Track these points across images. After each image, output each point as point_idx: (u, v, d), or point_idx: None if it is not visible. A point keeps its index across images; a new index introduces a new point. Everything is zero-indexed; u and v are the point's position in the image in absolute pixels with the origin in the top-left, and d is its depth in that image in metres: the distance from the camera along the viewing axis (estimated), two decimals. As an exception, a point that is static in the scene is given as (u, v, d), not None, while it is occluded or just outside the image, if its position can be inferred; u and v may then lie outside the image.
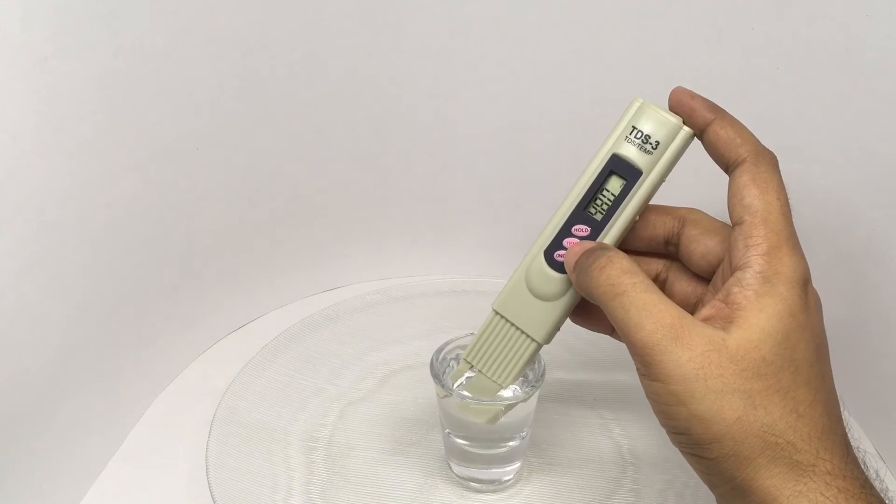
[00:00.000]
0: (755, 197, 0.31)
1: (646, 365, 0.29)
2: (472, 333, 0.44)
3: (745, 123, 0.33)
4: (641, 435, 0.48)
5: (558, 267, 0.36)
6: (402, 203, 0.62)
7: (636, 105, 0.34)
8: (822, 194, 0.49)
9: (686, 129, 0.33)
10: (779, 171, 0.32)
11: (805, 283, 0.30)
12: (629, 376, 0.54)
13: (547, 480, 0.46)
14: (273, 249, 0.59)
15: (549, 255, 0.36)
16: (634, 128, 0.34)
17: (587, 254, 0.33)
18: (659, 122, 0.34)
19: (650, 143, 0.34)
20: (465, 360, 0.39)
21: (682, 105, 0.33)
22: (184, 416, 0.51)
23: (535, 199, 0.59)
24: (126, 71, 0.44)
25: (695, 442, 0.28)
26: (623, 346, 0.31)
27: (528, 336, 0.37)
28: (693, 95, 0.33)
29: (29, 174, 0.38)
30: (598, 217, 0.35)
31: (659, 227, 0.36)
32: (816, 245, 0.33)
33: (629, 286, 0.30)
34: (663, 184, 0.35)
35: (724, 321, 0.29)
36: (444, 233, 0.64)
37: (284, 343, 0.55)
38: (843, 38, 0.45)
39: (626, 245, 0.36)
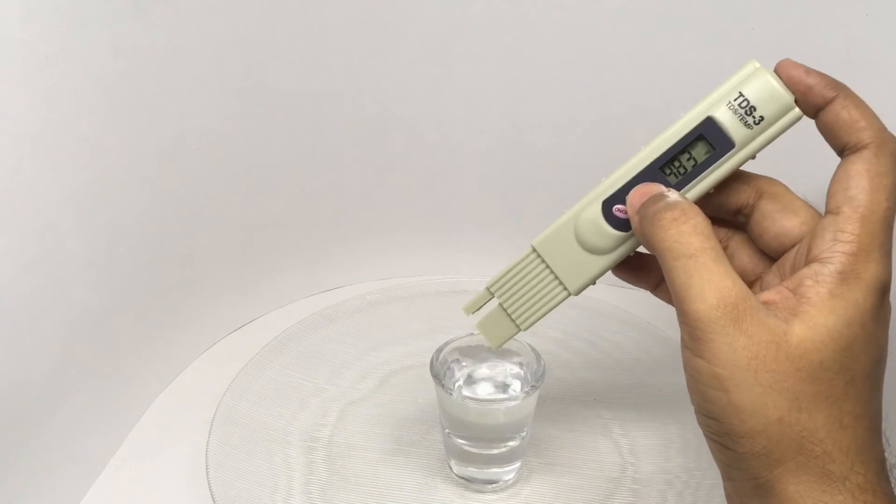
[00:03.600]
0: (863, 191, 0.28)
1: (695, 339, 0.27)
2: (472, 333, 0.44)
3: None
4: (641, 435, 0.48)
5: (615, 222, 0.33)
6: (402, 203, 0.62)
7: (750, 68, 0.30)
8: (822, 194, 0.49)
9: (797, 111, 0.30)
10: None
11: (884, 293, 0.28)
12: (629, 376, 0.54)
13: (547, 480, 0.46)
14: (273, 249, 0.59)
15: (607, 207, 0.33)
16: (741, 94, 0.30)
17: (657, 197, 0.30)
18: (771, 94, 0.30)
19: (753, 116, 0.30)
20: (486, 289, 0.37)
21: (796, 83, 0.29)
22: (184, 416, 0.51)
23: (536, 199, 0.59)
24: (126, 71, 0.44)
25: (726, 432, 0.27)
26: (623, 345, 0.30)
27: (560, 283, 0.35)
28: (808, 71, 0.29)
29: (29, 174, 0.38)
30: (672, 180, 0.31)
31: (733, 195, 0.32)
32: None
33: (699, 250, 0.27)
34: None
35: (789, 312, 0.27)
36: (444, 233, 0.64)
37: (284, 343, 0.55)
38: (843, 38, 0.45)
39: None
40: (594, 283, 0.35)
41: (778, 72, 0.30)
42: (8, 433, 0.39)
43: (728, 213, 0.33)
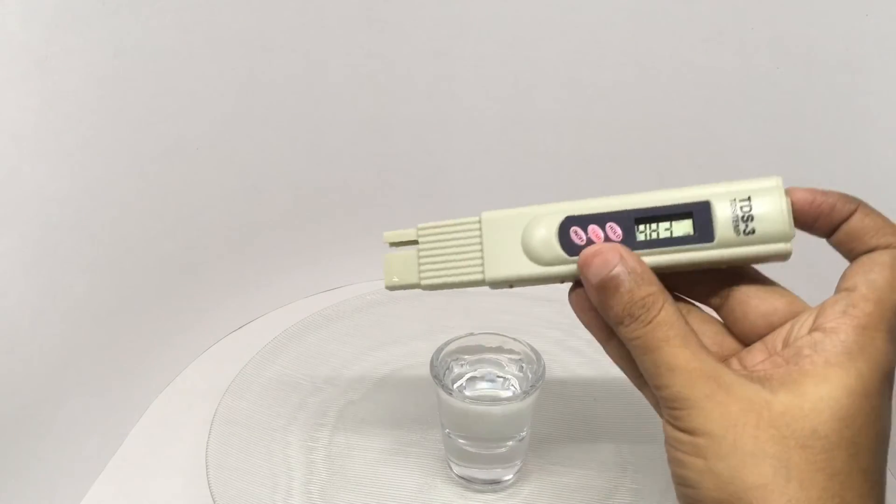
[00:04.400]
0: (884, 277, 0.26)
1: (673, 418, 0.26)
2: (471, 334, 0.45)
3: (745, 123, 0.31)
4: (641, 435, 0.48)
5: (565, 242, 0.31)
6: (402, 203, 0.62)
7: (771, 182, 0.29)
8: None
9: (788, 246, 0.29)
10: None
11: (890, 377, 0.26)
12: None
13: (547, 480, 0.46)
14: (273, 249, 0.59)
15: (566, 224, 0.31)
16: (749, 199, 0.29)
17: (617, 282, 0.28)
18: (775, 216, 0.28)
19: (747, 225, 0.29)
20: (416, 228, 0.34)
21: (819, 205, 0.28)
22: (184, 416, 0.51)
23: (535, 199, 0.59)
24: (126, 71, 0.44)
25: (702, 499, 0.25)
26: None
27: (481, 265, 0.32)
28: (825, 191, 0.28)
29: (29, 174, 0.39)
30: (640, 238, 0.30)
31: (707, 275, 0.30)
32: (815, 244, 0.32)
33: (662, 341, 0.27)
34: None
35: (778, 382, 0.25)
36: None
37: (284, 343, 0.55)
38: (843, 38, 0.45)
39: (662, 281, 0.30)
40: (511, 286, 0.33)
41: (794, 198, 0.28)
42: (8, 433, 0.39)
43: (699, 295, 0.31)
